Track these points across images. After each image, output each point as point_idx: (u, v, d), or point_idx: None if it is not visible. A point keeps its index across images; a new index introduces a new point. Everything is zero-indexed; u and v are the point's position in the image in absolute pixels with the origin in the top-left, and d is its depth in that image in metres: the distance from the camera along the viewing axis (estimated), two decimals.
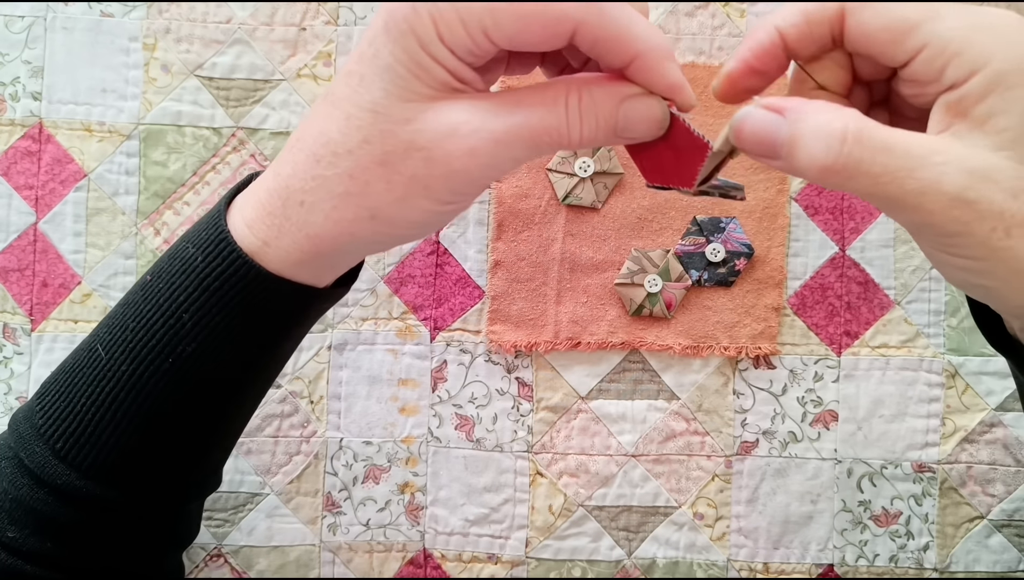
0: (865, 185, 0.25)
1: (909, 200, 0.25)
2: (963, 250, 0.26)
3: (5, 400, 0.53)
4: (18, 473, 0.33)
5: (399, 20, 0.26)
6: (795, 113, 0.26)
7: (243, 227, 0.30)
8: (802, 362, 0.53)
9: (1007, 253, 0.25)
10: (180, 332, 0.31)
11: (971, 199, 0.25)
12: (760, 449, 0.53)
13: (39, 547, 0.32)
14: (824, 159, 0.25)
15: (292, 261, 0.30)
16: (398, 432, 0.54)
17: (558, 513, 0.53)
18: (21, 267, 0.53)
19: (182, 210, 0.53)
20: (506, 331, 0.53)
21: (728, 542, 0.53)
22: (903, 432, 0.52)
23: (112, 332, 0.32)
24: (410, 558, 0.54)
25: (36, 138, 0.53)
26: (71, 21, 0.53)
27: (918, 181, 0.25)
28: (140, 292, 0.33)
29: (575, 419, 0.53)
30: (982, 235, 0.25)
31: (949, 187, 0.24)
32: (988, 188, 0.25)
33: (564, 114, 0.27)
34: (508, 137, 0.26)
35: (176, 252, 0.32)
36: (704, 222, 0.53)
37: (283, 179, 0.29)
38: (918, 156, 0.25)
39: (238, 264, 0.30)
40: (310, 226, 0.29)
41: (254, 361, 0.33)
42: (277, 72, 0.53)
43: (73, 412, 0.32)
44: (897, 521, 0.53)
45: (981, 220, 0.25)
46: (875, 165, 0.25)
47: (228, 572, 0.53)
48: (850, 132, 0.25)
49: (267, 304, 0.31)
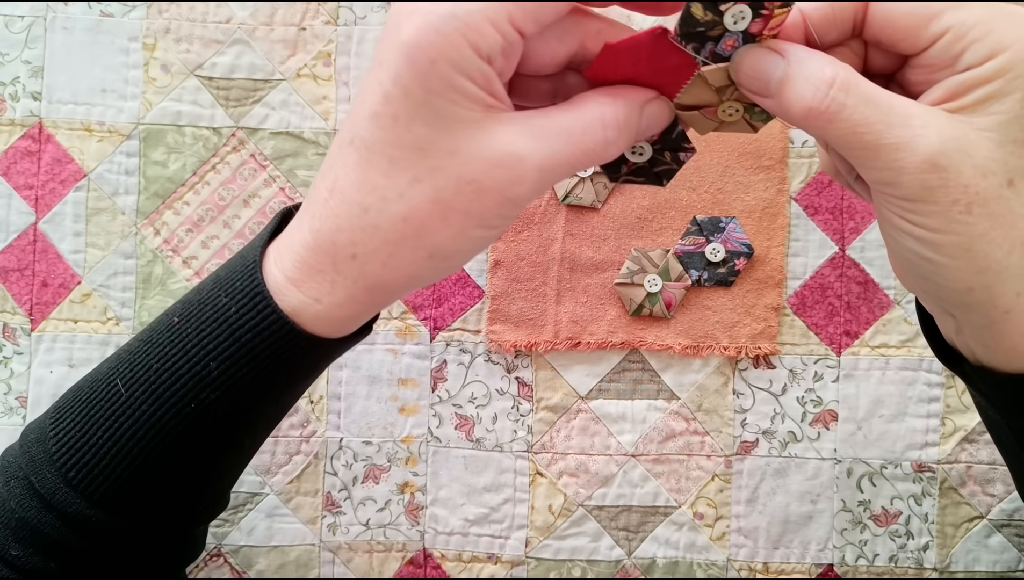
0: (844, 131, 0.26)
1: (883, 154, 0.25)
2: (921, 218, 0.26)
3: (5, 400, 0.53)
4: (27, 495, 0.32)
5: (425, 49, 0.25)
6: (794, 56, 0.27)
7: (286, 284, 0.30)
8: (802, 362, 0.53)
9: (962, 228, 0.26)
10: (206, 379, 0.31)
11: (942, 165, 0.25)
12: (760, 449, 0.53)
13: (43, 567, 0.32)
14: (810, 100, 0.26)
15: (344, 314, 0.30)
16: (398, 432, 0.54)
17: (558, 513, 0.53)
18: (21, 267, 0.53)
19: (182, 210, 0.53)
20: (506, 331, 0.53)
21: (728, 542, 0.53)
22: (903, 432, 0.52)
23: (133, 369, 0.32)
24: (410, 558, 0.54)
25: (36, 138, 0.53)
26: (71, 21, 0.53)
27: (895, 137, 0.25)
28: (166, 333, 0.32)
29: (575, 419, 0.53)
30: (944, 205, 0.25)
31: (924, 148, 0.25)
32: (961, 159, 0.25)
33: (602, 136, 0.27)
34: (553, 163, 0.27)
35: (207, 298, 0.32)
36: (704, 222, 0.53)
37: (327, 235, 0.28)
38: (901, 113, 0.25)
39: (273, 321, 0.30)
40: (367, 277, 0.28)
41: (274, 403, 0.34)
42: (277, 72, 0.54)
43: (88, 443, 0.32)
44: (897, 521, 0.53)
45: (946, 189, 0.25)
46: (856, 112, 0.25)
47: (228, 572, 0.53)
48: (839, 79, 0.26)
49: (298, 357, 0.31)
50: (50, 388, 0.53)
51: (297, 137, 0.53)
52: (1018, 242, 0.26)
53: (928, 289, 0.29)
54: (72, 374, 0.53)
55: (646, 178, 0.32)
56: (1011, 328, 0.28)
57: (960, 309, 0.28)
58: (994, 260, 0.26)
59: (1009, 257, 0.26)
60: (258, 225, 0.54)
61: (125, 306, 0.53)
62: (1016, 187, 0.26)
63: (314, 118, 0.54)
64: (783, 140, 0.53)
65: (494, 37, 0.25)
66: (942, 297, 0.29)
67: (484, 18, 0.25)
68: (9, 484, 0.33)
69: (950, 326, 0.30)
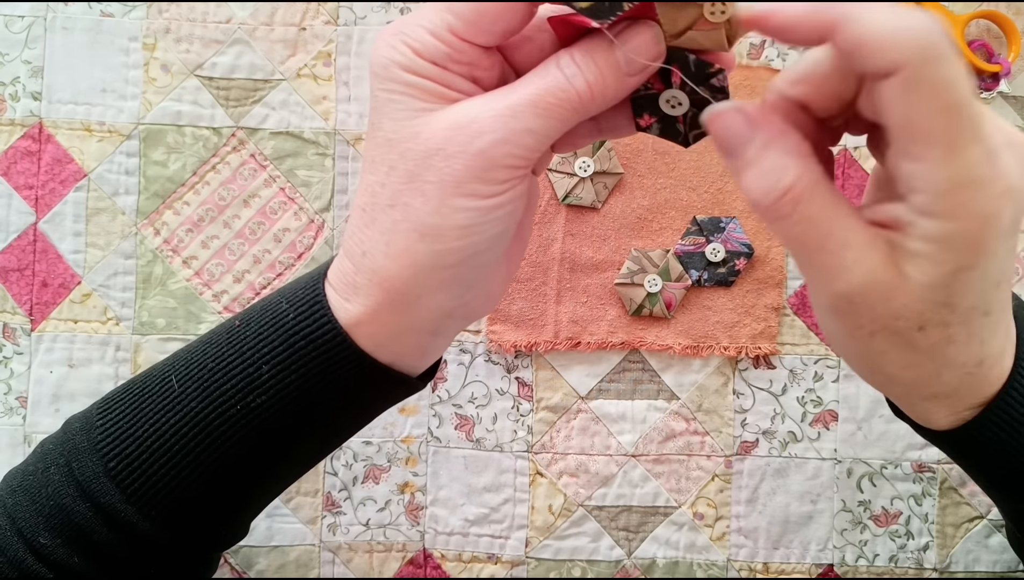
0: (780, 233, 0.26)
1: (807, 269, 0.27)
2: (834, 326, 0.28)
3: (5, 400, 0.53)
4: (66, 481, 0.33)
5: (379, 57, 0.28)
6: (762, 138, 0.26)
7: (331, 292, 0.31)
8: (802, 362, 0.53)
9: (863, 347, 0.28)
10: (256, 382, 0.31)
11: (855, 302, 0.26)
12: (760, 449, 0.53)
13: (66, 559, 0.32)
14: (759, 197, 0.26)
15: (371, 317, 0.30)
16: (398, 432, 0.54)
17: (558, 513, 0.53)
18: (21, 267, 0.53)
19: (182, 210, 0.53)
20: (506, 331, 0.53)
21: (728, 542, 0.53)
22: (903, 432, 0.52)
23: (189, 367, 0.33)
24: (410, 558, 0.54)
25: (36, 138, 0.53)
26: (71, 21, 0.53)
27: (821, 262, 0.26)
28: (225, 335, 0.33)
29: (575, 419, 0.53)
30: (850, 328, 0.27)
31: (842, 285, 0.26)
32: (875, 302, 0.26)
33: (559, 70, 0.27)
34: (511, 109, 0.27)
35: (268, 305, 0.33)
36: (704, 222, 0.53)
37: (345, 242, 0.31)
38: (837, 242, 0.25)
39: (327, 327, 0.30)
40: (376, 272, 0.29)
41: (318, 427, 0.33)
42: (277, 72, 0.54)
43: (134, 435, 0.32)
44: (897, 521, 0.53)
45: (856, 316, 0.26)
46: (796, 227, 0.25)
47: (228, 572, 0.53)
48: (793, 193, 0.25)
49: (344, 372, 0.31)
50: (50, 388, 0.53)
51: (297, 137, 0.53)
52: (913, 364, 0.28)
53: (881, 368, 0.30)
54: (72, 374, 0.53)
55: (680, 135, 0.30)
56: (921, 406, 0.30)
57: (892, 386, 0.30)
58: (893, 374, 0.28)
59: (908, 371, 0.28)
60: (258, 225, 0.54)
61: (125, 306, 0.53)
62: (926, 331, 0.26)
63: (314, 118, 0.54)
64: None
65: (433, 44, 0.27)
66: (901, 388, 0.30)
67: (422, 28, 0.27)
68: (48, 471, 0.33)
69: (917, 409, 0.31)
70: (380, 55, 0.28)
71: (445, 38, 0.27)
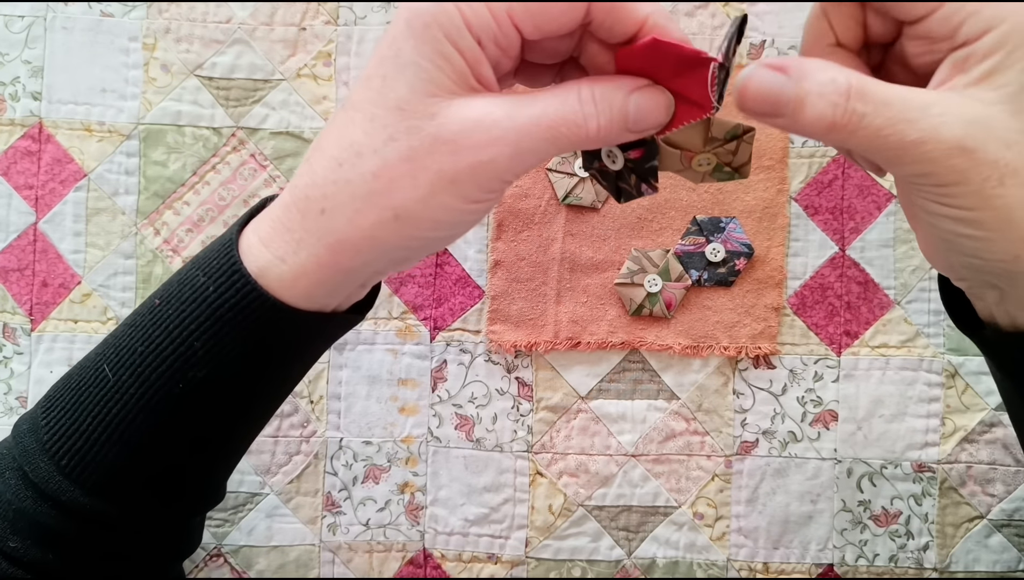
0: (867, 137, 0.26)
1: (910, 150, 0.26)
2: (957, 200, 0.27)
3: (5, 400, 0.53)
4: (22, 485, 0.33)
5: (422, 14, 0.26)
6: (798, 72, 0.26)
7: (258, 245, 0.30)
8: (802, 362, 0.53)
9: (999, 201, 0.26)
10: (191, 359, 0.31)
11: (969, 147, 0.26)
12: (760, 449, 0.53)
13: (41, 558, 0.32)
14: (832, 116, 0.26)
15: (309, 278, 0.30)
16: (398, 432, 0.54)
17: (558, 513, 0.53)
18: (21, 267, 0.53)
19: (182, 210, 0.53)
20: (506, 331, 0.53)
21: (728, 542, 0.53)
22: (903, 432, 0.52)
23: (119, 353, 0.32)
24: (410, 558, 0.54)
25: (36, 138, 0.53)
26: (71, 21, 0.53)
27: (919, 131, 0.25)
28: (148, 315, 0.32)
29: (575, 419, 0.53)
30: (977, 183, 0.26)
31: (948, 136, 0.25)
32: (984, 137, 0.26)
33: (579, 105, 0.27)
34: (529, 127, 0.27)
35: (185, 278, 0.32)
36: (704, 222, 0.53)
37: (301, 189, 0.29)
38: (918, 107, 0.26)
39: (250, 295, 0.30)
40: (331, 233, 0.29)
41: (265, 384, 0.33)
42: (277, 72, 0.54)
43: (79, 430, 0.32)
44: (897, 521, 0.53)
45: (977, 168, 0.26)
46: (877, 117, 0.26)
47: (228, 572, 0.53)
48: (853, 88, 0.26)
49: (280, 333, 0.31)
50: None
51: (297, 137, 0.53)
52: None
53: (972, 265, 0.29)
54: None
55: (608, 185, 0.32)
56: None
57: (1006, 279, 0.29)
58: None
59: None
60: None
61: (125, 306, 0.53)
62: None
63: (314, 118, 0.54)
64: (783, 140, 0.53)
65: (487, 20, 0.26)
66: (987, 270, 0.29)
67: (483, 2, 0.26)
68: (4, 475, 0.33)
69: (991, 298, 0.31)
70: (425, 9, 0.26)
71: (501, 18, 0.27)
